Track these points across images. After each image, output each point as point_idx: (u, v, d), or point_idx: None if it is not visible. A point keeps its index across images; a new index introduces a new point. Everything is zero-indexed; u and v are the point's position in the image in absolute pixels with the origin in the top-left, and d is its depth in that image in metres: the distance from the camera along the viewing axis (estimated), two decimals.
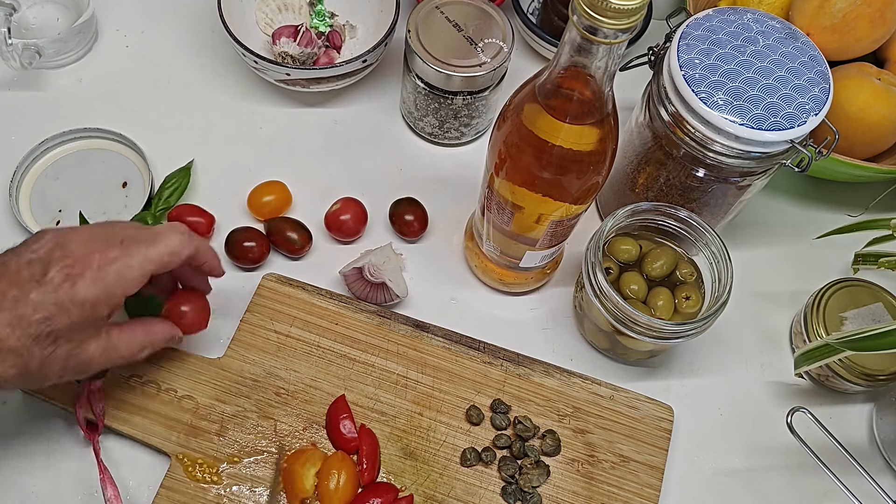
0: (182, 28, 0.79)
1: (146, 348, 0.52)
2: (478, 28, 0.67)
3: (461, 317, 0.66)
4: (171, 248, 0.49)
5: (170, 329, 0.54)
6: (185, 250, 0.50)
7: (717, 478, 0.62)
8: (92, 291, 0.46)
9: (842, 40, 0.67)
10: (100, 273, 0.46)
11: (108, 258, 0.47)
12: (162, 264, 0.49)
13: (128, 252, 0.47)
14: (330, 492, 0.54)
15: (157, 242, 0.49)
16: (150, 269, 0.48)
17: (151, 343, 0.52)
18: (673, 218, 0.60)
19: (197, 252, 0.51)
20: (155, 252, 0.48)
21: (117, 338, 0.49)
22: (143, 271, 0.48)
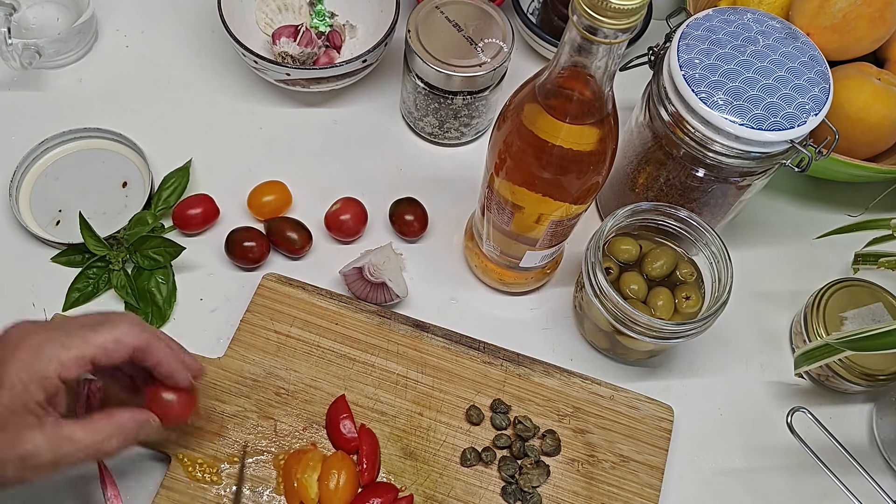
0: (182, 28, 0.79)
1: (113, 437, 0.46)
2: (478, 28, 0.67)
3: (461, 317, 0.66)
4: (115, 335, 0.45)
5: (141, 415, 0.48)
6: (130, 340, 0.46)
7: (717, 478, 0.62)
8: (23, 373, 0.42)
9: (842, 40, 0.67)
10: (31, 354, 0.43)
11: (43, 338, 0.43)
12: (104, 350, 0.45)
13: (67, 334, 0.44)
14: (330, 492, 0.54)
15: (101, 327, 0.45)
16: (88, 352, 0.44)
17: (120, 432, 0.46)
18: (673, 218, 0.60)
19: (147, 347, 0.46)
20: (96, 337, 0.45)
21: (71, 428, 0.44)
22: (80, 353, 0.43)
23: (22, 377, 0.42)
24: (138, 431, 0.48)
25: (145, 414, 0.49)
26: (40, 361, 0.43)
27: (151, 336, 0.47)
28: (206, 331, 0.63)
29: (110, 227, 0.65)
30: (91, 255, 0.63)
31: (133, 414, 0.48)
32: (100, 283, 0.63)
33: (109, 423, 0.46)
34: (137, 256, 0.63)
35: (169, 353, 0.48)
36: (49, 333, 0.44)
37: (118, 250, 0.63)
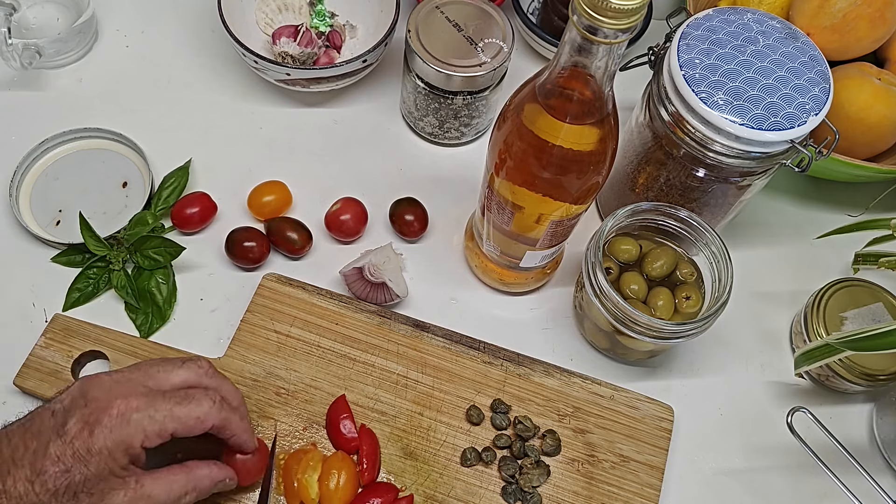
0: (182, 28, 0.79)
1: (189, 493, 0.47)
2: (478, 28, 0.67)
3: (461, 317, 0.66)
4: (197, 413, 0.47)
5: (219, 472, 0.50)
6: (210, 420, 0.47)
7: (717, 478, 0.62)
8: (109, 440, 0.44)
9: (842, 40, 0.67)
10: (119, 421, 0.44)
11: (130, 407, 0.45)
12: (185, 427, 0.46)
13: (153, 405, 0.45)
14: (330, 492, 0.54)
15: (186, 404, 0.47)
16: (172, 427, 0.46)
17: (196, 488, 0.48)
18: (673, 218, 0.60)
19: (225, 425, 0.48)
20: (181, 412, 0.46)
21: (150, 486, 0.46)
22: (163, 427, 0.45)
23: (109, 445, 0.44)
24: (212, 488, 0.49)
25: (224, 471, 0.50)
26: (128, 431, 0.44)
27: (229, 413, 0.49)
28: (206, 331, 0.63)
29: (110, 227, 0.65)
30: (91, 255, 0.63)
31: (210, 470, 0.49)
32: (100, 283, 0.63)
33: (186, 477, 0.48)
34: (137, 256, 0.63)
35: (242, 427, 0.50)
36: (136, 401, 0.45)
37: (118, 250, 0.63)
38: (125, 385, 0.46)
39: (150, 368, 0.49)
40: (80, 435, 0.43)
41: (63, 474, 0.43)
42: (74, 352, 0.59)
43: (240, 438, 0.50)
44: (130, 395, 0.45)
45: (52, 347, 0.59)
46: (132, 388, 0.46)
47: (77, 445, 0.43)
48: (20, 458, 0.43)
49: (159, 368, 0.49)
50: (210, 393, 0.48)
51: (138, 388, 0.46)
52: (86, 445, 0.43)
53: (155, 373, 0.48)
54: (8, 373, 0.58)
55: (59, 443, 0.43)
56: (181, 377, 0.49)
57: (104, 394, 0.45)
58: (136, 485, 0.45)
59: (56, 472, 0.43)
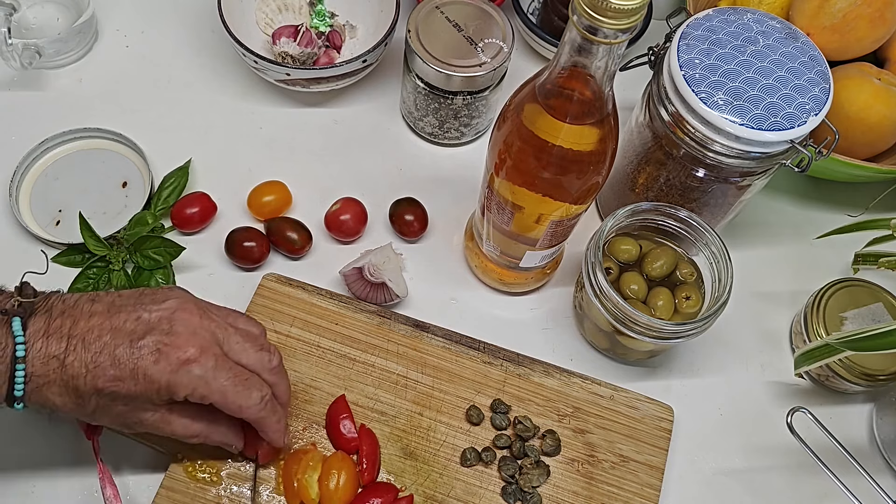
0: (182, 28, 0.79)
1: (199, 438, 0.51)
2: (478, 28, 0.67)
3: (461, 317, 0.66)
4: (241, 402, 0.48)
5: (232, 437, 0.53)
6: (250, 413, 0.49)
7: (717, 478, 0.62)
8: (164, 378, 0.46)
9: (842, 40, 0.67)
10: (181, 367, 0.46)
11: (197, 361, 0.47)
12: (226, 405, 0.48)
13: (215, 371, 0.47)
14: (330, 492, 0.54)
15: (238, 388, 0.48)
16: (215, 398, 0.48)
17: (206, 438, 0.51)
18: (673, 218, 0.60)
19: (259, 422, 0.50)
20: (230, 392, 0.48)
21: (172, 419, 0.49)
22: (209, 395, 0.47)
23: (161, 381, 0.46)
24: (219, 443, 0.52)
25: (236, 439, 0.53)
26: (181, 380, 0.46)
27: (269, 415, 0.50)
28: None
29: (110, 227, 0.65)
30: (91, 255, 0.63)
31: (226, 434, 0.52)
32: (100, 283, 0.63)
33: (205, 428, 0.51)
34: (137, 256, 0.63)
35: (275, 429, 0.51)
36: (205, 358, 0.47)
37: (118, 250, 0.63)
38: (206, 336, 0.48)
39: (233, 334, 0.50)
40: (146, 357, 0.46)
41: (114, 381, 0.46)
42: None
43: (269, 436, 0.52)
44: (205, 349, 0.47)
45: None
46: (210, 343, 0.48)
47: (139, 363, 0.46)
48: (91, 342, 0.46)
49: (239, 339, 0.50)
50: (264, 389, 0.50)
51: (214, 346, 0.48)
52: (145, 369, 0.46)
53: (235, 341, 0.50)
54: None
55: (127, 351, 0.46)
56: (251, 360, 0.50)
57: (186, 333, 0.47)
58: (163, 412, 0.48)
59: (111, 375, 0.45)
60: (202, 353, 0.47)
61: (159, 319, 0.47)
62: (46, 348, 0.45)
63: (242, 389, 0.48)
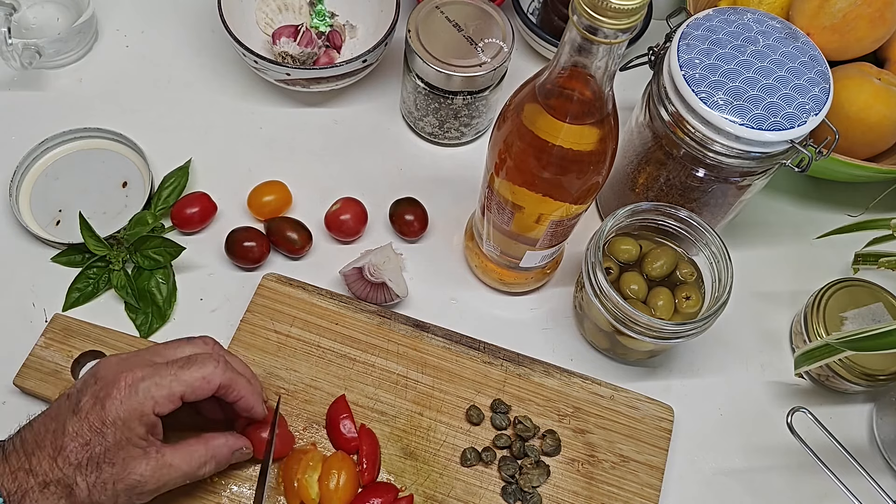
0: (182, 28, 0.79)
1: (208, 463, 0.50)
2: (478, 28, 0.67)
3: (461, 317, 0.66)
4: (202, 373, 0.48)
5: (235, 441, 0.52)
6: (216, 378, 0.49)
7: (717, 478, 0.62)
8: (121, 410, 0.46)
9: (842, 40, 0.67)
10: (127, 392, 0.46)
11: (136, 377, 0.47)
12: (192, 388, 0.48)
13: (157, 372, 0.47)
14: (330, 492, 0.54)
15: (190, 367, 0.48)
16: (179, 390, 0.47)
17: (215, 457, 0.50)
18: (673, 218, 0.60)
19: (231, 384, 0.50)
20: (186, 375, 0.48)
21: (171, 456, 0.48)
22: (171, 391, 0.47)
23: (122, 415, 0.46)
24: (230, 457, 0.52)
25: (240, 440, 0.53)
26: (137, 399, 0.46)
27: (234, 374, 0.50)
28: (206, 331, 0.62)
29: (110, 227, 0.65)
30: (91, 255, 0.63)
31: (227, 439, 0.51)
32: (100, 283, 0.63)
33: (205, 448, 0.50)
34: (137, 256, 0.63)
35: (249, 389, 0.51)
36: (141, 371, 0.47)
37: (118, 250, 0.63)
38: (132, 361, 0.48)
39: (157, 348, 0.51)
40: (93, 409, 0.46)
41: (83, 447, 0.45)
42: (74, 352, 0.59)
43: (248, 401, 0.51)
44: (136, 367, 0.48)
45: (52, 347, 0.59)
46: (138, 362, 0.48)
47: (92, 419, 0.45)
48: (42, 440, 0.45)
49: (166, 347, 0.51)
50: (215, 355, 0.50)
51: (145, 361, 0.48)
52: (100, 418, 0.45)
53: (162, 350, 0.50)
54: (8, 373, 0.58)
55: (74, 420, 0.45)
56: (187, 351, 0.51)
57: (112, 371, 0.47)
58: (157, 454, 0.47)
59: (75, 446, 0.45)
60: (136, 370, 0.47)
61: (83, 383, 0.48)
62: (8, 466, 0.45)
63: (194, 365, 0.48)
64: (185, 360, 0.49)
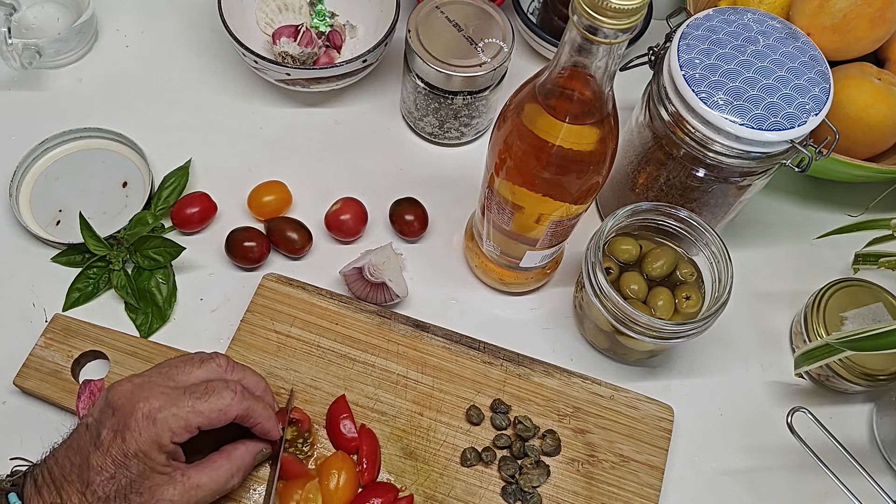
0: (182, 28, 0.79)
1: (235, 475, 0.50)
2: (478, 28, 0.67)
3: (461, 317, 0.66)
4: (219, 406, 0.48)
5: (254, 445, 0.52)
6: (233, 411, 0.49)
7: (717, 478, 0.62)
8: (141, 442, 0.46)
9: (842, 40, 0.67)
10: (146, 423, 0.46)
11: (154, 408, 0.47)
12: (209, 420, 0.48)
13: (175, 402, 0.47)
14: (330, 492, 0.54)
15: (207, 398, 0.48)
16: (196, 421, 0.47)
17: (240, 468, 0.51)
18: (673, 218, 0.60)
19: (248, 413, 0.50)
20: (203, 406, 0.48)
21: (197, 476, 0.48)
22: (188, 422, 0.47)
23: (142, 447, 0.46)
24: (254, 461, 0.53)
25: (258, 443, 0.53)
26: (155, 431, 0.46)
27: (251, 402, 0.50)
28: (206, 331, 0.63)
29: (110, 227, 0.65)
30: (91, 255, 0.63)
31: (247, 447, 0.52)
32: (100, 283, 0.63)
33: (228, 461, 0.50)
34: (137, 256, 0.63)
35: (265, 416, 0.51)
36: (158, 401, 0.47)
37: (118, 250, 0.63)
38: (147, 388, 0.48)
39: (169, 370, 0.50)
40: (114, 443, 0.46)
41: (109, 481, 0.45)
42: (74, 352, 0.59)
43: (264, 427, 0.51)
44: (152, 396, 0.47)
45: (52, 347, 0.59)
46: (153, 390, 0.48)
47: (114, 453, 0.46)
48: (69, 474, 0.46)
49: (179, 369, 0.50)
50: (231, 384, 0.50)
51: (159, 389, 0.48)
52: (122, 451, 0.46)
53: (175, 374, 0.50)
54: (8, 373, 0.58)
55: (98, 454, 0.46)
56: (201, 375, 0.50)
57: (128, 400, 0.47)
58: (182, 478, 0.48)
59: (102, 480, 0.45)
60: (152, 399, 0.47)
61: (100, 412, 0.47)
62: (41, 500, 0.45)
63: (211, 396, 0.48)
64: (202, 389, 0.49)
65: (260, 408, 0.51)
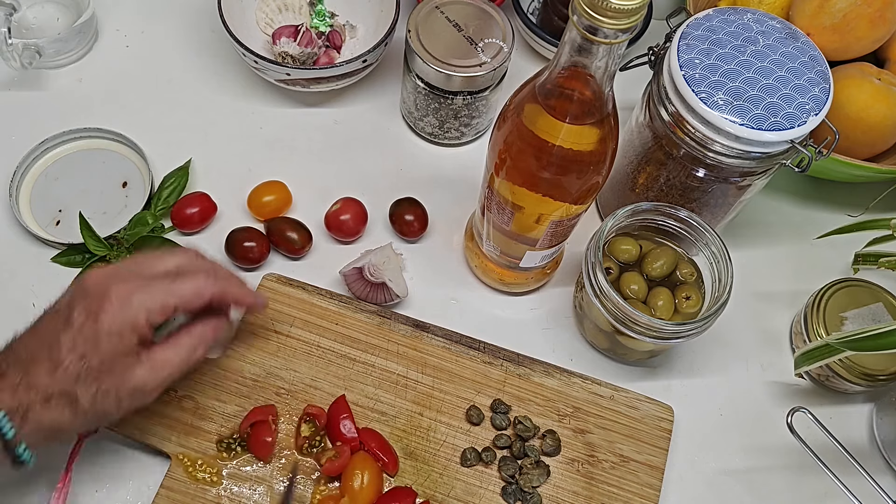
0: (182, 28, 0.79)
1: (198, 347, 0.50)
2: (478, 28, 0.67)
3: (461, 317, 0.66)
4: (194, 287, 0.49)
5: (215, 321, 0.52)
6: (208, 291, 0.49)
7: (717, 478, 0.62)
8: (116, 322, 0.46)
9: (842, 40, 0.67)
10: (120, 304, 0.46)
11: (129, 290, 0.47)
12: (185, 300, 0.48)
13: (150, 285, 0.47)
14: (355, 491, 0.54)
15: (182, 280, 0.48)
16: (172, 302, 0.48)
17: (201, 340, 0.51)
18: (673, 218, 0.60)
19: (224, 291, 0.50)
20: (178, 289, 0.48)
21: (161, 352, 0.49)
22: (165, 302, 0.47)
23: (116, 327, 0.46)
24: (216, 335, 0.52)
25: (217, 320, 0.53)
26: (131, 310, 0.46)
27: (225, 282, 0.51)
28: None
29: (110, 227, 0.65)
30: (91, 255, 0.63)
31: (206, 322, 0.52)
32: None
33: (190, 337, 0.50)
34: None
35: (242, 291, 0.52)
36: (134, 284, 0.47)
37: (118, 250, 0.63)
38: (120, 275, 0.48)
39: (143, 260, 0.50)
40: (86, 323, 0.46)
41: (80, 360, 0.45)
42: None
43: (245, 299, 0.53)
44: (126, 281, 0.47)
45: None
46: (127, 276, 0.48)
47: (86, 331, 0.45)
48: (36, 354, 0.45)
49: (151, 260, 0.51)
50: (204, 267, 0.51)
51: (133, 275, 0.48)
52: (94, 331, 0.45)
53: (148, 264, 0.50)
54: None
55: (68, 333, 0.45)
56: (173, 262, 0.51)
57: (101, 285, 0.47)
58: (149, 357, 0.48)
59: (73, 359, 0.45)
60: (128, 283, 0.47)
61: (72, 297, 0.47)
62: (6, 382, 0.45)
63: (186, 279, 0.49)
64: (176, 273, 0.49)
65: (234, 285, 0.51)
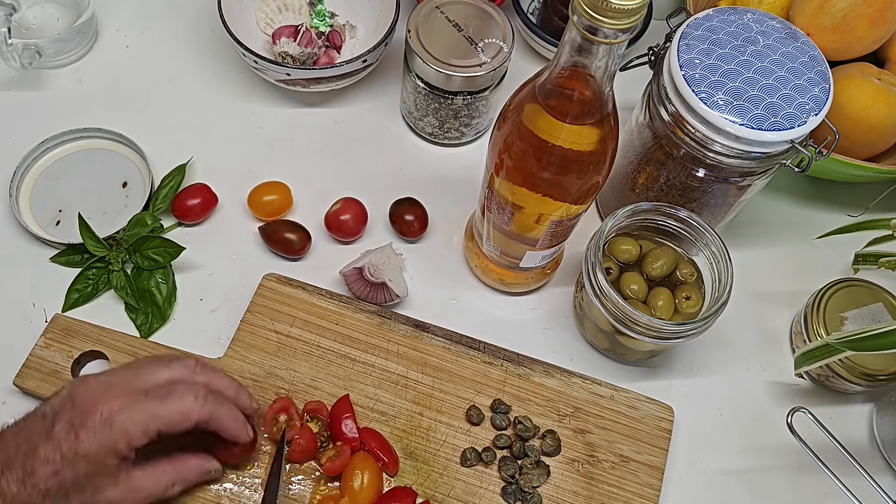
0: (182, 28, 0.79)
1: (176, 484, 0.50)
2: (478, 28, 0.67)
3: (461, 317, 0.66)
4: (180, 409, 0.47)
5: (203, 463, 0.52)
6: (195, 414, 0.48)
7: (717, 478, 0.62)
8: (94, 444, 0.45)
9: (842, 40, 0.67)
10: (102, 425, 0.45)
11: (112, 409, 0.46)
12: (171, 423, 0.47)
13: (135, 405, 0.46)
14: (355, 491, 0.54)
15: (168, 401, 0.47)
16: (155, 426, 0.46)
17: (182, 480, 0.50)
18: (673, 218, 0.60)
19: (212, 417, 0.49)
20: (163, 410, 0.47)
21: (139, 479, 0.48)
22: (147, 428, 0.46)
23: (94, 449, 0.45)
24: (198, 478, 0.52)
25: (208, 463, 0.52)
26: (112, 433, 0.45)
27: (215, 405, 0.49)
28: (206, 331, 0.63)
29: (110, 227, 0.65)
30: (91, 255, 0.63)
31: (196, 461, 0.51)
32: (99, 283, 0.63)
33: (174, 470, 0.50)
34: (137, 257, 0.63)
35: (231, 418, 0.50)
36: (119, 402, 0.46)
37: (118, 251, 0.63)
38: (110, 388, 0.47)
39: (138, 369, 0.50)
40: (66, 438, 0.45)
41: (53, 475, 0.44)
42: (74, 352, 0.59)
43: (229, 431, 0.50)
44: (114, 397, 0.46)
45: (52, 347, 0.59)
46: (116, 390, 0.47)
47: (65, 448, 0.45)
48: (12, 461, 0.44)
49: (146, 369, 0.50)
50: (195, 387, 0.49)
51: (123, 389, 0.47)
52: (73, 448, 0.44)
53: (142, 374, 0.49)
54: (8, 373, 0.58)
55: (48, 445, 0.44)
56: (167, 375, 0.50)
57: (89, 396, 0.46)
58: (126, 479, 0.47)
59: (46, 473, 0.44)
60: (113, 400, 0.46)
61: (60, 404, 0.47)
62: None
63: (172, 399, 0.47)
64: (164, 392, 0.48)
65: (224, 411, 0.50)
